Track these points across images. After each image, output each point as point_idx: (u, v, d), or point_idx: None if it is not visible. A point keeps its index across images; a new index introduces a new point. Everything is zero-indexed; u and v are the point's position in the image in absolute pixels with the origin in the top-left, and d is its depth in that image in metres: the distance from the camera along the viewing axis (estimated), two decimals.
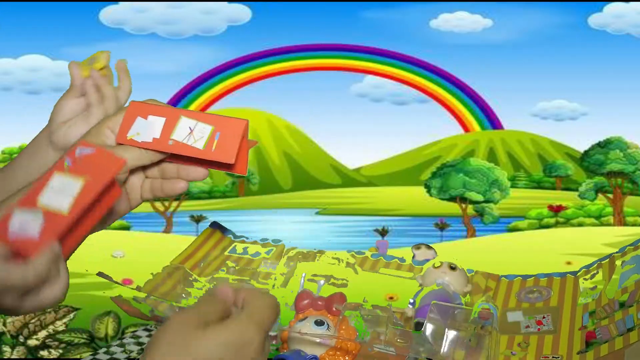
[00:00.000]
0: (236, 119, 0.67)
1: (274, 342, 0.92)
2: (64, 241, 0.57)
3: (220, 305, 0.58)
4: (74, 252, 0.59)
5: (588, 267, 1.07)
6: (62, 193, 0.57)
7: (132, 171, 0.70)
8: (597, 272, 1.04)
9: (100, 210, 0.61)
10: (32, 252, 0.54)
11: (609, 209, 13.27)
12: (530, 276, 1.09)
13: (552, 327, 0.97)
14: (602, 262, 1.05)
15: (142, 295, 0.88)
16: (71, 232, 0.58)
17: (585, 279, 1.05)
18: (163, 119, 0.67)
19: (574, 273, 1.07)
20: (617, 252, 1.04)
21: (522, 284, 1.07)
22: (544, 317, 0.99)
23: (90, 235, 0.74)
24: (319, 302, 0.92)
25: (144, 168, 0.71)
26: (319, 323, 0.89)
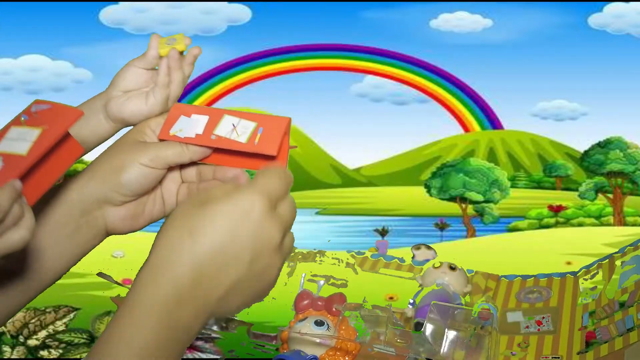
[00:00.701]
0: (279, 116, 0.68)
1: (274, 342, 0.93)
2: (27, 186, 0.57)
3: (229, 186, 0.58)
4: (37, 200, 0.59)
5: (588, 267, 1.08)
6: (20, 140, 0.58)
7: (169, 176, 0.70)
8: (597, 273, 1.05)
9: (62, 165, 0.61)
10: None
11: (609, 209, 13.30)
12: (530, 276, 1.10)
13: (552, 327, 0.97)
14: (602, 262, 1.06)
15: None
16: (34, 178, 0.58)
17: (585, 279, 1.05)
18: (206, 117, 0.68)
19: (574, 273, 1.08)
20: (617, 253, 1.05)
21: (522, 284, 1.08)
22: (543, 318, 1.00)
23: None
24: (319, 303, 0.92)
25: (181, 171, 0.71)
26: (319, 323, 0.89)
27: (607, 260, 1.05)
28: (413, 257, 1.10)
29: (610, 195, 13.73)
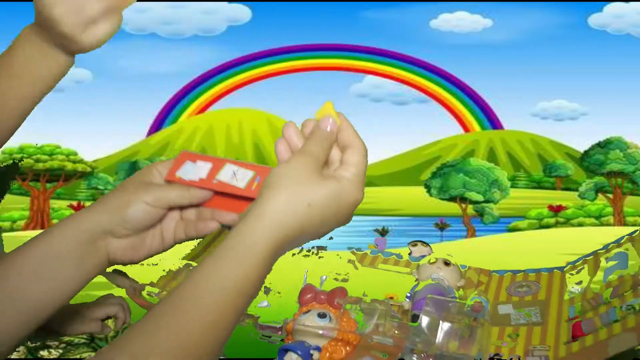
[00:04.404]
0: None
1: (279, 334, 0.97)
2: None
3: (326, 143, 0.68)
4: None
5: (574, 263, 1.12)
6: None
7: (170, 215, 0.75)
8: (583, 268, 1.09)
9: None
10: None
11: (609, 209, 13.28)
12: (519, 271, 1.14)
13: (540, 319, 1.01)
14: (587, 258, 1.10)
15: (156, 290, 0.94)
16: None
17: (571, 274, 1.09)
18: (210, 164, 0.74)
19: (561, 269, 1.12)
20: (601, 249, 1.10)
21: (512, 279, 1.12)
22: (532, 310, 1.04)
23: None
24: (322, 296, 0.96)
25: (181, 210, 0.76)
26: (322, 316, 0.93)
27: (592, 256, 1.10)
28: (410, 253, 1.14)
29: (610, 195, 13.71)
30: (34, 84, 0.86)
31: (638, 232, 1.08)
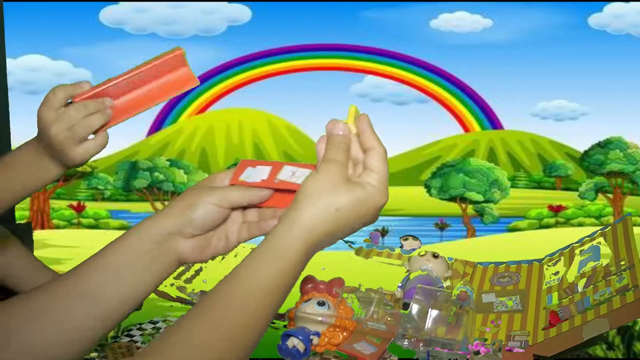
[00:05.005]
0: None
1: (282, 320, 1.04)
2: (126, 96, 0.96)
3: (343, 147, 0.73)
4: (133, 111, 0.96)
5: (551, 255, 1.19)
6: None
7: (233, 217, 0.79)
8: (560, 260, 1.15)
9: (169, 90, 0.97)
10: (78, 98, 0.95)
11: (609, 209, 13.23)
12: (501, 263, 1.21)
13: (520, 307, 1.08)
14: (564, 251, 1.17)
15: (180, 283, 1.01)
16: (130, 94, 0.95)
17: (549, 266, 1.16)
18: (269, 167, 0.79)
19: (539, 260, 1.19)
20: (576, 243, 1.17)
21: (495, 270, 1.19)
22: (513, 298, 1.11)
23: (95, 237, 0.84)
24: (321, 286, 1.03)
25: (243, 212, 0.80)
26: (321, 304, 0.99)
27: (568, 249, 1.17)
28: (401, 247, 1.22)
29: (610, 195, 13.66)
30: (24, 183, 0.98)
31: (610, 227, 1.15)
